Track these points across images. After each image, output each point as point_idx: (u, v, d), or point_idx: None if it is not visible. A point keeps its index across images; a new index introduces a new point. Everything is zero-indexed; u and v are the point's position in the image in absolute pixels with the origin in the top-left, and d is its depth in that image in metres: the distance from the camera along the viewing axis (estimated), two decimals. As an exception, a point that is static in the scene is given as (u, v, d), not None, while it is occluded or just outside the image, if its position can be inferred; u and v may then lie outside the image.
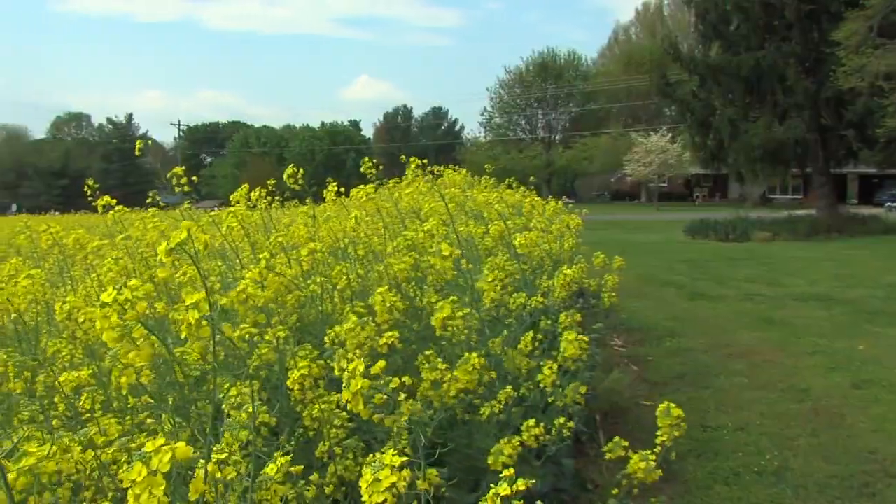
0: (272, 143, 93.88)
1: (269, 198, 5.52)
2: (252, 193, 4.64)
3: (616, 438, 3.52)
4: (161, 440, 1.65)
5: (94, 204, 5.46)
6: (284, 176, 4.87)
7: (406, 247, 4.33)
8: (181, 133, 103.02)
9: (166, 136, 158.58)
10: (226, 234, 4.08)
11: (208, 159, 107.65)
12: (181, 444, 1.65)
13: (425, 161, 5.28)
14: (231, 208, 4.11)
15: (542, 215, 8.05)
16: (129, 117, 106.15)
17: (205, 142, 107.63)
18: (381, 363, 2.08)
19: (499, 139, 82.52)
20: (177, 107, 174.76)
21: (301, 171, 4.89)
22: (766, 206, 48.73)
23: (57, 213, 41.76)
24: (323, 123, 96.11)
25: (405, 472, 1.84)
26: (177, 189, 4.18)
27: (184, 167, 4.40)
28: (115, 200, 5.11)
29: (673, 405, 3.30)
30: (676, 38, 33.57)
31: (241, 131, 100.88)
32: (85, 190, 5.68)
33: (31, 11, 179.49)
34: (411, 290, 4.28)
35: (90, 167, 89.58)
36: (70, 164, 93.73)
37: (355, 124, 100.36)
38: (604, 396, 6.39)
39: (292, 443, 2.90)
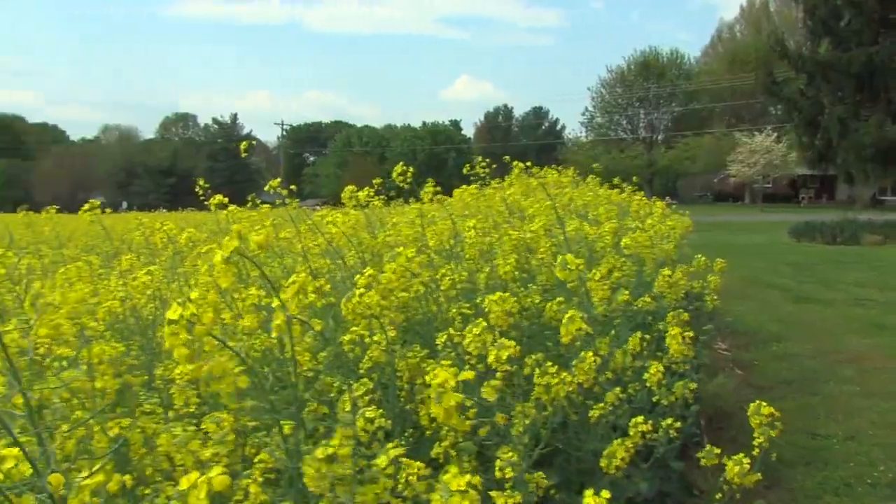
0: (374, 142, 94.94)
1: (375, 197, 5.61)
2: (360, 193, 4.72)
3: (708, 447, 3.47)
4: (195, 474, 1.59)
5: (206, 203, 5.62)
6: (394, 174, 4.97)
7: (511, 248, 4.35)
8: (284, 133, 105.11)
9: (270, 136, 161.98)
10: (331, 237, 4.17)
11: (311, 158, 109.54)
12: (217, 476, 1.59)
13: (529, 163, 5.31)
14: (331, 216, 4.20)
15: (651, 216, 7.93)
16: (234, 117, 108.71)
17: (307, 141, 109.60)
18: (470, 374, 2.05)
19: (600, 139, 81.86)
20: (280, 107, 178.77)
21: (410, 169, 4.98)
22: (876, 207, 47.03)
23: (165, 210, 42.93)
24: (424, 123, 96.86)
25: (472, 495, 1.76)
26: (277, 202, 4.37)
27: (280, 179, 4.56)
28: (227, 199, 5.26)
29: (763, 403, 3.24)
30: (783, 35, 32.68)
31: (343, 131, 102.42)
32: (196, 189, 5.86)
33: (142, 15, 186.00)
34: (517, 288, 4.29)
35: (196, 166, 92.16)
36: (177, 163, 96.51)
37: (456, 124, 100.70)
38: (708, 400, 6.28)
39: (402, 443, 2.93)
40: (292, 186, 4.58)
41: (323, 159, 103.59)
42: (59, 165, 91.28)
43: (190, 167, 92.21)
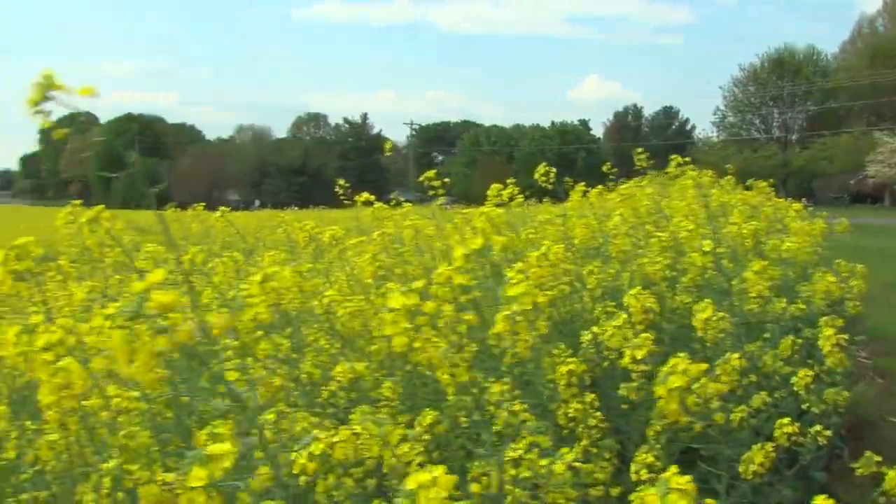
0: (502, 142, 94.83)
1: (519, 195, 5.70)
2: (504, 192, 4.81)
3: (867, 453, 3.37)
4: (422, 474, 1.55)
5: (344, 201, 5.79)
6: (536, 175, 5.06)
7: (660, 249, 4.34)
8: (413, 132, 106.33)
9: (399, 135, 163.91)
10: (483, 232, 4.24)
11: (439, 158, 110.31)
12: (442, 477, 1.55)
13: (687, 159, 5.29)
14: (483, 208, 4.29)
15: (795, 220, 7.74)
16: (364, 117, 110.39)
17: (435, 141, 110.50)
18: (704, 365, 2.07)
19: (732, 139, 79.90)
20: (408, 106, 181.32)
21: (553, 170, 5.05)
22: None
23: (296, 207, 43.97)
24: (553, 123, 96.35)
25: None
26: (430, 192, 4.51)
27: (436, 170, 4.72)
28: (374, 197, 5.42)
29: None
30: (930, 30, 31.32)
31: (471, 130, 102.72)
32: (329, 187, 6.05)
33: (276, 18, 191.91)
34: (664, 288, 4.28)
35: (326, 164, 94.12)
36: (308, 162, 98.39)
37: (584, 124, 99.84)
38: (849, 409, 6.08)
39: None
40: (446, 179, 4.75)
41: (451, 158, 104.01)
42: (195, 165, 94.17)
43: (320, 166, 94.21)
